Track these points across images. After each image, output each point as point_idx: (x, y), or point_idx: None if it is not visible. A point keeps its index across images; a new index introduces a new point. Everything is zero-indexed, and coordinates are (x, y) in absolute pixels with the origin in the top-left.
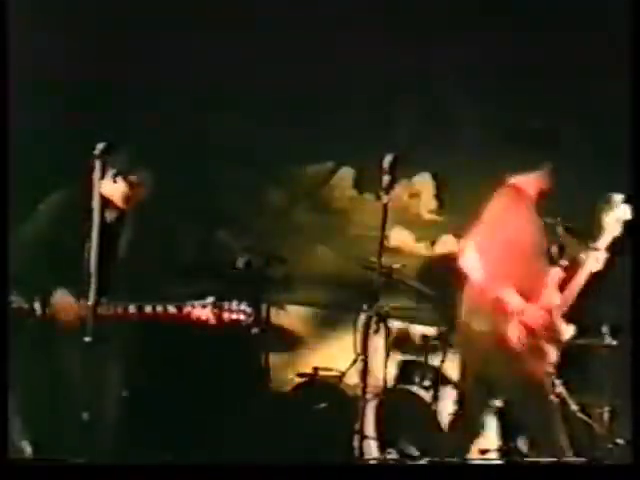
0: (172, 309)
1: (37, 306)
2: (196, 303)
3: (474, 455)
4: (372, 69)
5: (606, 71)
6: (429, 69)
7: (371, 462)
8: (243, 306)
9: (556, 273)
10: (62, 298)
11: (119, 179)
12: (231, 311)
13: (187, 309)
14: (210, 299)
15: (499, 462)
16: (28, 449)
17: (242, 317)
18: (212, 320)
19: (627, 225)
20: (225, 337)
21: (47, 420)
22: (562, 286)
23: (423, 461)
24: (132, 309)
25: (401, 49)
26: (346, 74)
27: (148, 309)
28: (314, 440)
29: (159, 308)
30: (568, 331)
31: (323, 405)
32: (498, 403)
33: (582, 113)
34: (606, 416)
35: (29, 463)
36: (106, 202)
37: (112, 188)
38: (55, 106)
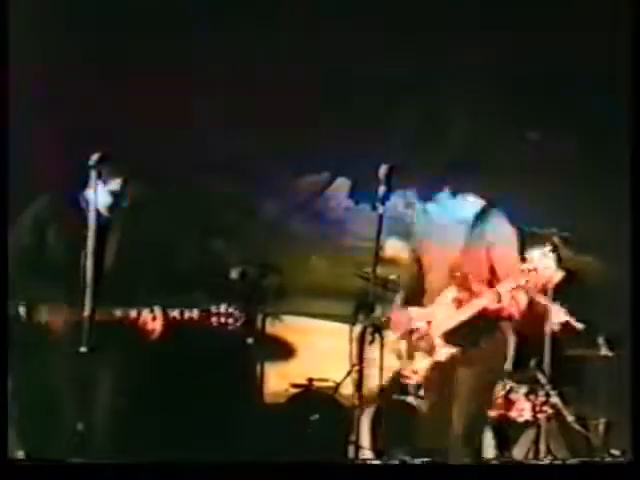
0: (158, 313)
1: (22, 313)
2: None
3: None
4: (369, 80)
5: (606, 83)
6: (427, 81)
7: (371, 462)
8: (231, 309)
9: (451, 292)
10: (51, 311)
11: (101, 187)
12: (219, 315)
13: (175, 313)
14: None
15: (498, 463)
16: (20, 454)
17: (230, 320)
18: (200, 320)
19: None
20: (220, 347)
21: (40, 430)
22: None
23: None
24: (118, 314)
25: (399, 60)
26: (343, 86)
27: (133, 314)
28: (309, 450)
29: (145, 312)
30: (444, 352)
31: (317, 416)
32: None
33: (580, 125)
34: (601, 427)
35: (29, 463)
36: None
37: (89, 187)
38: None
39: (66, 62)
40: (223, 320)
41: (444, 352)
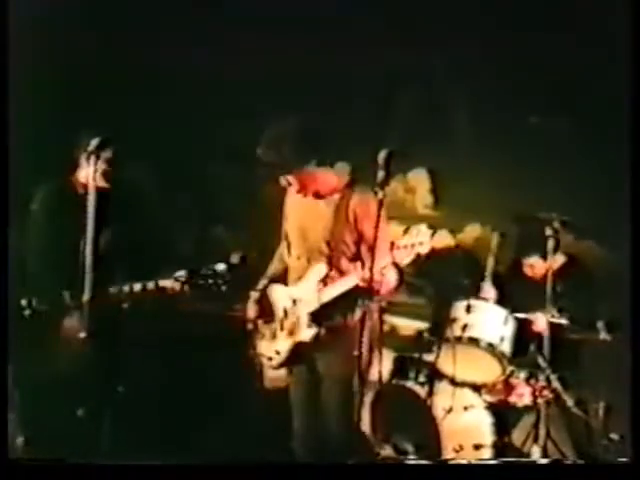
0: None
1: (24, 304)
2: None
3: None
4: (370, 66)
5: (606, 68)
6: (427, 66)
7: (369, 462)
8: (219, 268)
9: (320, 269)
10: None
11: (91, 160)
12: (207, 277)
13: (163, 283)
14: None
15: (498, 462)
16: (20, 441)
17: (219, 281)
18: (188, 291)
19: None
20: (220, 332)
21: (41, 416)
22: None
23: (422, 461)
24: (112, 292)
25: (400, 46)
26: (344, 71)
27: (126, 289)
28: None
29: (137, 287)
30: (308, 333)
31: None
32: None
33: (580, 109)
34: (601, 411)
35: (29, 463)
36: (87, 189)
37: (88, 172)
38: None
39: (65, 48)
40: (212, 281)
41: (307, 332)
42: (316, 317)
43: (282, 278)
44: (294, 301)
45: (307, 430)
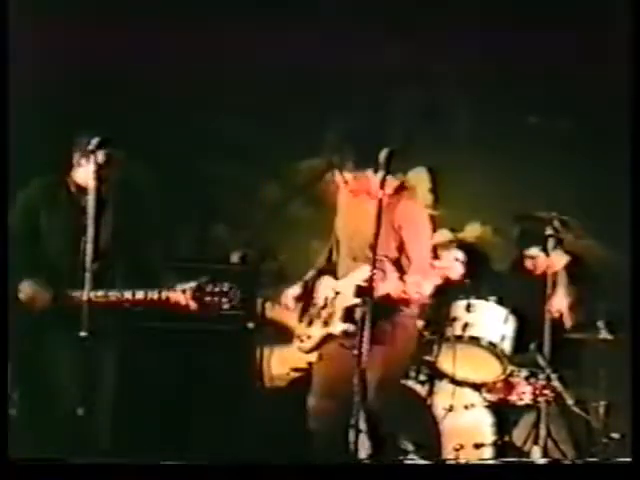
0: (153, 295)
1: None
2: (177, 287)
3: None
4: (370, 65)
5: (606, 68)
6: (427, 65)
7: (369, 462)
8: (225, 288)
9: (365, 270)
10: (29, 288)
11: (87, 159)
12: (213, 294)
13: (166, 294)
14: (191, 284)
15: (498, 462)
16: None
17: (224, 300)
18: (193, 306)
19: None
20: (220, 331)
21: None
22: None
23: (422, 460)
24: (113, 296)
25: (399, 45)
26: (344, 70)
27: (128, 295)
28: (309, 435)
29: (139, 295)
30: (339, 326)
31: None
32: None
33: (580, 109)
34: (601, 410)
35: (29, 463)
36: (83, 189)
37: (84, 172)
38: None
39: (65, 44)
40: (217, 299)
41: (339, 326)
42: (350, 313)
43: (330, 272)
44: (336, 293)
45: (310, 430)
